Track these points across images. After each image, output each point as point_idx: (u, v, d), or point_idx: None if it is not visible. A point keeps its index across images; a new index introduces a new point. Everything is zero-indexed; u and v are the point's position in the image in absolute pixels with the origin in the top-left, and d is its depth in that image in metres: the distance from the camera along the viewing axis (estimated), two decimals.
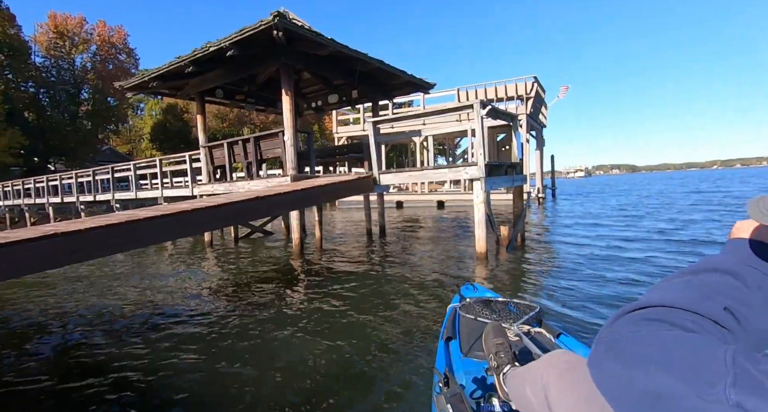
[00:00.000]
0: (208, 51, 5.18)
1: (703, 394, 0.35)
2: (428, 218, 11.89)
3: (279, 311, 3.41)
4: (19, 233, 2.52)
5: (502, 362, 1.19)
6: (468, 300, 1.87)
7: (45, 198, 12.93)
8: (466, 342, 1.55)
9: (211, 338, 2.87)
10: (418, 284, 4.08)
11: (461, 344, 1.56)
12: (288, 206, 4.73)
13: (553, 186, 19.82)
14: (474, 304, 1.79)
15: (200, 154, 7.33)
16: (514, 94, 14.24)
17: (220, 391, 2.07)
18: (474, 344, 1.52)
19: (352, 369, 2.25)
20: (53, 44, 32.03)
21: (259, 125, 41.58)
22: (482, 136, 4.68)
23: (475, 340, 1.52)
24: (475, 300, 1.85)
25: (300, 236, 5.94)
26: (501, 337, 1.31)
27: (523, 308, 1.71)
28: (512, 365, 1.15)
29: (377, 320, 3.05)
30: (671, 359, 0.39)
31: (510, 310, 1.71)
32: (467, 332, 1.59)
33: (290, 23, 4.69)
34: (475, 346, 1.50)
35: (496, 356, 1.23)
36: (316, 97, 8.71)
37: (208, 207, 3.47)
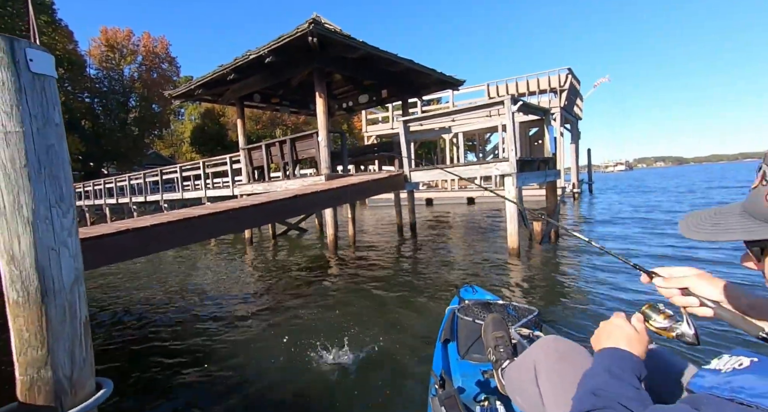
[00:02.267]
0: (248, 59, 5.52)
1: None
2: (458, 214, 11.86)
3: (319, 297, 3.64)
4: (100, 229, 2.88)
5: (501, 357, 1.18)
6: (467, 302, 1.84)
7: (102, 199, 14.10)
8: (463, 344, 1.54)
9: (264, 316, 3.13)
10: (448, 274, 4.18)
11: (459, 346, 1.55)
12: (324, 203, 4.96)
13: (589, 180, 19.06)
14: (473, 306, 1.77)
15: (240, 156, 7.77)
16: (546, 87, 13.84)
17: (272, 352, 2.30)
18: (471, 346, 1.51)
19: (380, 345, 2.41)
20: (105, 57, 34.62)
21: (291, 126, 42.80)
22: (513, 131, 4.68)
23: (472, 342, 1.52)
24: (473, 302, 1.83)
25: (335, 232, 6.19)
26: (501, 330, 1.30)
27: (522, 311, 1.69)
28: (511, 360, 1.14)
29: (406, 307, 3.19)
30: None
31: (509, 313, 1.70)
32: (465, 335, 1.58)
33: (324, 29, 4.91)
34: (473, 348, 1.50)
35: (495, 350, 1.22)
36: (346, 97, 8.95)
37: (254, 205, 3.74)
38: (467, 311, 1.71)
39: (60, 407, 1.15)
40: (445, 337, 1.63)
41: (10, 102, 1.07)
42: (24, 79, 1.09)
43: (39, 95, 1.13)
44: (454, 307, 1.87)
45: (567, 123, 15.96)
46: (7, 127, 1.07)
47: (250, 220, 4.00)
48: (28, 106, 1.10)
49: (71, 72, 30.57)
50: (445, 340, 1.62)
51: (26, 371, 1.13)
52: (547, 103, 13.62)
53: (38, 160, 1.12)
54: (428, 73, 6.94)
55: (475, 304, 1.80)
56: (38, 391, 1.13)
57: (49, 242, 1.14)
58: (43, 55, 1.16)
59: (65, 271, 1.18)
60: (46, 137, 1.14)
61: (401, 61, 6.21)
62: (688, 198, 12.59)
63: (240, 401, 2.00)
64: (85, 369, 1.23)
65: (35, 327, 1.12)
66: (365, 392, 1.97)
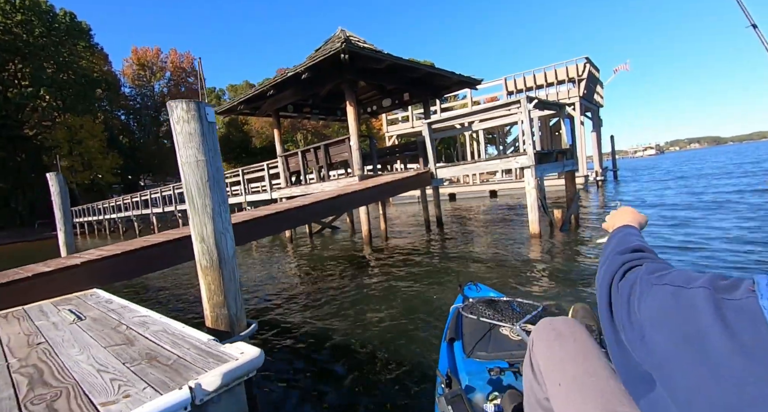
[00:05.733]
0: (287, 76, 6.21)
1: None
2: (482, 207, 12.25)
3: (360, 285, 4.25)
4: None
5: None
6: (471, 300, 1.85)
7: (149, 209, 15.37)
8: (469, 343, 1.53)
9: (319, 301, 3.77)
10: (474, 261, 4.70)
11: (464, 344, 1.54)
12: (360, 201, 5.57)
13: (614, 167, 18.87)
14: (477, 304, 1.77)
15: (278, 163, 8.52)
16: (565, 78, 13.95)
17: (328, 330, 2.92)
18: (477, 344, 1.50)
19: (415, 323, 2.98)
20: (137, 75, 36.92)
21: (311, 130, 44.03)
22: (530, 127, 5.13)
23: (478, 340, 1.52)
24: (477, 300, 1.83)
25: (369, 228, 6.81)
26: (590, 319, 1.33)
27: (526, 307, 1.70)
28: None
29: (438, 291, 3.74)
30: None
31: (513, 309, 1.71)
32: (470, 333, 1.58)
33: (355, 46, 5.51)
34: (478, 346, 1.49)
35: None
36: (371, 102, 9.55)
37: (304, 205, 4.40)
38: (472, 309, 1.71)
39: (231, 333, 1.78)
40: (450, 336, 1.61)
41: (199, 141, 1.71)
42: (204, 127, 1.74)
43: (211, 136, 1.77)
44: (458, 305, 1.84)
45: (588, 111, 15.95)
46: (198, 157, 1.72)
47: (302, 217, 4.67)
48: (207, 143, 1.74)
49: (109, 91, 32.73)
50: (450, 339, 1.60)
51: (212, 310, 1.78)
52: (566, 93, 13.74)
53: (213, 177, 1.76)
54: (448, 76, 7.43)
55: (479, 301, 1.80)
56: (220, 322, 1.77)
57: (220, 228, 1.78)
58: (211, 110, 1.79)
59: (229, 247, 1.82)
60: (216, 162, 1.78)
61: (422, 68, 6.74)
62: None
63: (322, 347, 2.62)
64: (241, 312, 1.87)
65: (216, 283, 1.77)
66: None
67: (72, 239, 4.56)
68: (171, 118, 1.73)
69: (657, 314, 0.51)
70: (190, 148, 1.71)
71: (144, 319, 1.81)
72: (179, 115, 1.71)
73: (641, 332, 0.53)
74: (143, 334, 1.59)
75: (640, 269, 0.60)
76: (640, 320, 0.54)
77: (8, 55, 25.44)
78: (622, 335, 0.59)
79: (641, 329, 0.53)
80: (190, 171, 1.73)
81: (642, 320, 0.53)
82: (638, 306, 0.55)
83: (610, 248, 0.75)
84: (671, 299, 0.50)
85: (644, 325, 0.53)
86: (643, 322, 0.53)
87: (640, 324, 0.54)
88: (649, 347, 0.52)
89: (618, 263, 0.66)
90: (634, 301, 0.56)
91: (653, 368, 0.53)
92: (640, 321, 0.54)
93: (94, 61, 31.18)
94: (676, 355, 0.47)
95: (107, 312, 2.00)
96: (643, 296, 0.54)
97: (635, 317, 0.55)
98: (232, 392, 1.17)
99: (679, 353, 0.47)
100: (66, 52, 28.01)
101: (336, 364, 2.43)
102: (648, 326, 0.52)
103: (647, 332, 0.52)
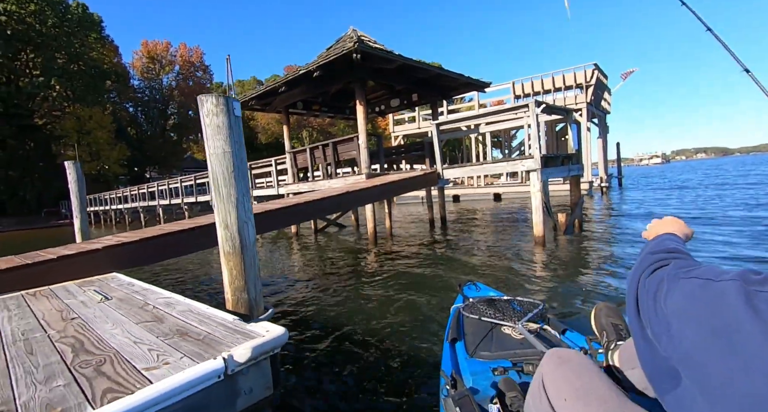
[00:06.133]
0: (299, 74, 6.31)
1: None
2: (486, 209, 12.32)
3: (366, 279, 4.35)
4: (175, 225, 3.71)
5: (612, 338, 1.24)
6: (471, 300, 1.85)
7: (156, 201, 15.53)
8: (471, 343, 1.52)
9: (327, 292, 3.87)
10: (479, 260, 4.79)
11: (467, 344, 1.53)
12: (368, 199, 5.67)
13: (619, 174, 18.88)
14: (477, 304, 1.78)
15: (286, 159, 8.63)
16: (573, 83, 13.99)
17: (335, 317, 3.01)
18: (480, 344, 1.49)
19: (415, 315, 3.07)
20: (146, 68, 37.16)
21: (317, 127, 44.24)
22: (537, 131, 5.21)
23: (480, 340, 1.51)
24: (478, 300, 1.84)
25: (374, 226, 6.90)
26: (614, 316, 1.35)
27: (527, 305, 1.70)
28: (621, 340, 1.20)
29: (440, 285, 3.84)
30: None
31: (514, 308, 1.71)
32: (472, 332, 1.57)
33: (367, 46, 5.61)
34: (481, 346, 1.47)
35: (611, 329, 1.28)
36: (379, 102, 9.64)
37: (314, 200, 4.50)
38: (472, 309, 1.72)
39: (250, 316, 1.89)
40: (452, 336, 1.60)
41: (227, 134, 1.82)
42: (232, 120, 1.84)
43: (237, 129, 1.87)
44: (459, 305, 1.84)
45: (594, 118, 15.97)
46: (225, 148, 1.82)
47: (311, 213, 4.78)
48: (234, 136, 1.84)
49: (118, 83, 32.98)
50: (452, 339, 1.59)
51: (234, 293, 1.88)
52: (573, 99, 13.78)
53: (238, 167, 1.86)
54: (456, 78, 7.51)
55: (480, 301, 1.80)
56: (240, 306, 1.88)
57: (243, 216, 1.88)
58: (237, 104, 1.89)
59: (250, 235, 1.92)
60: (241, 154, 1.88)
61: (431, 69, 6.82)
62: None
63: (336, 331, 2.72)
64: (260, 296, 1.97)
65: (238, 268, 1.87)
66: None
67: (87, 226, 4.69)
68: (201, 111, 1.84)
69: (684, 306, 0.52)
70: (217, 140, 1.82)
71: (168, 300, 1.91)
72: (209, 108, 1.81)
73: (668, 326, 0.54)
74: (171, 313, 1.69)
75: (669, 266, 0.61)
76: (667, 313, 0.54)
77: (21, 45, 25.72)
78: (648, 330, 0.59)
79: (668, 323, 0.54)
80: (217, 162, 1.83)
81: (668, 314, 0.54)
82: (665, 300, 0.55)
83: (645, 251, 0.75)
84: (699, 291, 0.50)
85: (671, 318, 0.53)
86: (669, 315, 0.54)
87: (667, 317, 0.54)
88: (676, 340, 0.52)
89: (648, 261, 0.67)
90: (661, 296, 0.57)
91: (680, 362, 0.53)
92: (667, 315, 0.54)
93: (104, 52, 31.43)
94: (705, 347, 0.47)
95: (131, 293, 2.11)
96: (671, 291, 0.55)
97: (661, 311, 0.55)
98: (258, 366, 1.27)
99: (708, 346, 0.47)
100: (77, 43, 28.26)
101: (347, 347, 2.52)
102: (675, 319, 0.53)
103: (674, 325, 0.53)
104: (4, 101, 24.73)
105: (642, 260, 0.71)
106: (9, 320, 1.76)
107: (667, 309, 0.55)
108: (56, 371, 1.18)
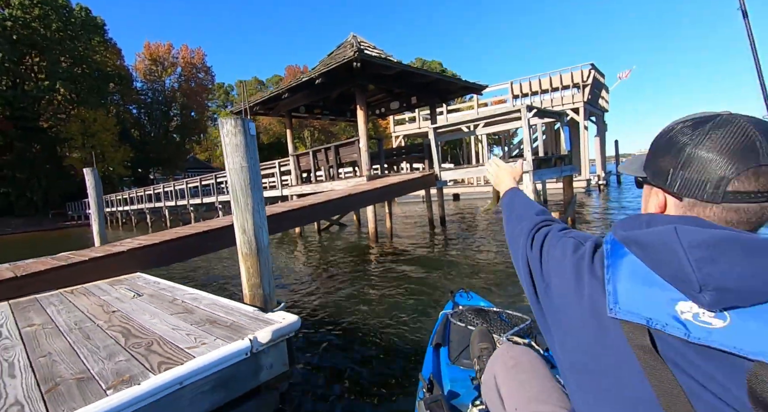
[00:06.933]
0: (301, 81, 6.58)
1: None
2: (484, 207, 12.56)
3: (366, 277, 4.63)
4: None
5: (484, 366, 1.23)
6: (461, 308, 1.87)
7: (162, 202, 15.86)
8: (455, 349, 1.54)
9: (331, 288, 4.15)
10: (477, 256, 5.05)
11: (450, 351, 1.55)
12: (369, 200, 5.94)
13: (617, 172, 19.07)
14: (466, 312, 1.79)
15: (290, 161, 8.91)
16: (570, 83, 14.19)
17: (341, 308, 3.29)
18: (463, 352, 1.51)
19: (413, 306, 3.34)
20: (149, 70, 37.51)
21: (318, 127, 44.54)
22: (529, 135, 5.46)
23: (464, 348, 1.53)
24: (467, 308, 1.85)
25: (375, 225, 7.18)
26: (486, 342, 1.38)
27: (515, 319, 1.71)
28: None
29: (434, 285, 4.11)
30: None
31: (502, 320, 1.71)
32: (457, 340, 1.59)
33: (367, 55, 5.87)
34: (464, 354, 1.50)
35: (479, 360, 1.30)
36: (379, 104, 9.90)
37: (318, 203, 4.77)
38: (461, 317, 1.74)
39: (265, 309, 2.16)
40: (436, 341, 1.63)
41: (243, 151, 2.09)
42: (248, 139, 2.11)
43: (252, 146, 2.14)
44: (448, 312, 1.88)
45: (592, 116, 16.16)
46: (242, 164, 2.09)
47: (317, 214, 5.05)
48: (249, 153, 2.11)
49: (121, 86, 33.34)
50: (436, 344, 1.61)
51: (250, 289, 2.16)
52: (571, 98, 13.98)
53: (253, 180, 2.14)
54: (454, 82, 7.77)
55: (469, 310, 1.82)
56: (256, 300, 2.15)
57: (258, 222, 2.16)
58: (252, 125, 2.16)
59: (264, 238, 2.20)
60: (255, 168, 2.16)
61: (430, 75, 7.08)
62: None
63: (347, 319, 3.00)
64: (273, 292, 2.25)
65: (254, 267, 2.15)
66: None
67: (104, 230, 4.98)
68: (221, 131, 2.11)
69: (559, 261, 0.58)
70: (236, 157, 2.09)
71: (194, 295, 2.20)
72: (228, 129, 2.08)
73: (548, 281, 0.59)
74: (198, 306, 1.98)
75: (552, 226, 0.69)
76: (548, 269, 0.60)
77: (26, 49, 26.08)
78: (539, 292, 0.62)
79: (548, 278, 0.60)
80: (235, 175, 2.10)
81: (549, 270, 0.60)
82: (547, 256, 0.62)
83: (517, 213, 0.81)
84: (572, 248, 0.58)
85: (550, 273, 0.59)
86: (549, 271, 0.60)
87: (548, 273, 0.60)
88: (551, 293, 0.58)
89: (534, 222, 0.72)
90: (546, 250, 0.63)
91: (551, 314, 0.59)
92: (548, 270, 0.60)
93: (107, 55, 31.78)
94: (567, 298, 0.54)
95: (159, 290, 2.39)
96: (551, 247, 0.62)
97: (545, 267, 0.61)
98: (277, 347, 1.55)
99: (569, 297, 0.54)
100: (81, 46, 28.62)
101: (350, 336, 2.80)
102: (552, 274, 0.59)
103: (552, 280, 0.59)
104: (11, 104, 25.13)
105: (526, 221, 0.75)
106: (59, 313, 2.04)
107: (548, 265, 0.61)
108: (114, 350, 1.46)
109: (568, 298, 0.55)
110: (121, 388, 1.15)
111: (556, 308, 0.57)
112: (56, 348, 1.53)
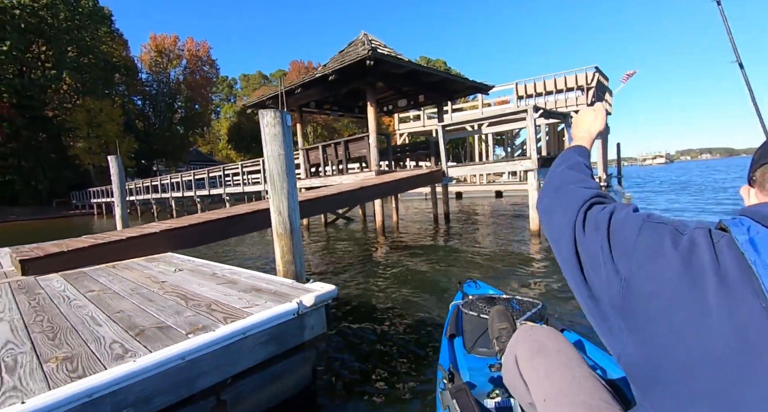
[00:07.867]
0: (315, 77, 6.78)
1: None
2: (487, 206, 12.79)
3: (377, 266, 4.85)
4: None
5: (504, 347, 1.23)
6: (470, 297, 1.87)
7: (168, 193, 16.06)
8: (469, 339, 1.56)
9: (343, 275, 4.38)
10: (481, 253, 5.28)
11: (465, 340, 1.57)
12: (377, 194, 6.15)
13: (618, 174, 19.29)
14: (476, 301, 1.80)
15: (299, 155, 9.12)
16: (574, 85, 14.37)
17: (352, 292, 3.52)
18: (478, 340, 1.52)
19: (422, 294, 3.57)
20: (154, 61, 37.61)
21: (321, 123, 44.70)
22: (535, 135, 5.67)
23: (478, 337, 1.54)
24: (477, 297, 1.85)
25: (382, 219, 7.40)
26: (505, 322, 1.38)
27: (526, 304, 1.72)
28: None
29: (442, 272, 4.33)
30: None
31: (513, 306, 1.72)
32: (470, 329, 1.60)
33: (380, 53, 6.06)
34: (479, 343, 1.51)
35: (498, 340, 1.30)
36: (387, 102, 10.10)
37: (332, 194, 4.99)
38: (471, 306, 1.74)
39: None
40: (450, 332, 1.65)
41: (281, 140, 2.30)
42: (285, 129, 2.33)
43: (288, 136, 2.36)
44: (458, 302, 1.89)
45: None
46: (279, 152, 2.31)
47: (327, 206, 5.27)
48: (286, 142, 2.33)
49: (127, 76, 33.45)
50: (450, 335, 1.64)
51: (284, 266, 2.38)
52: (574, 100, 14.17)
53: (288, 166, 2.35)
54: (461, 82, 7.96)
55: (479, 298, 1.83)
56: (289, 275, 2.38)
57: (291, 204, 2.38)
58: (288, 117, 2.38)
59: (297, 220, 2.42)
60: (290, 155, 2.37)
61: (438, 74, 7.28)
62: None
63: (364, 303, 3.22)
64: (303, 268, 2.47)
65: (288, 245, 2.37)
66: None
67: (126, 215, 5.20)
68: (261, 122, 2.33)
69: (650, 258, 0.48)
70: (274, 145, 2.31)
71: (232, 269, 2.42)
72: (268, 120, 2.30)
73: (627, 277, 0.49)
74: (240, 278, 2.20)
75: (617, 205, 0.58)
76: (628, 263, 0.50)
77: (34, 37, 26.19)
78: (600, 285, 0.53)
79: (629, 273, 0.49)
80: (273, 162, 2.32)
81: (630, 264, 0.50)
82: (630, 245, 0.51)
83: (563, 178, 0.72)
84: (670, 239, 0.48)
85: (632, 268, 0.49)
86: (631, 265, 0.50)
87: (627, 267, 0.50)
88: (634, 290, 0.48)
89: (584, 197, 0.62)
90: (622, 237, 0.52)
91: (629, 316, 0.49)
92: (627, 264, 0.50)
93: (114, 46, 31.90)
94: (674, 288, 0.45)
95: (197, 266, 2.61)
96: (634, 234, 0.51)
97: (626, 258, 0.51)
98: (318, 311, 1.77)
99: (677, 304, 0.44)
100: (88, 36, 28.72)
101: (372, 315, 3.03)
102: (637, 270, 0.49)
103: (636, 278, 0.48)
104: (18, 93, 25.26)
105: (571, 192, 0.66)
106: (111, 283, 2.27)
107: (638, 244, 0.50)
108: (179, 309, 1.69)
109: (676, 306, 0.44)
110: (198, 334, 1.37)
111: (647, 315, 0.47)
112: (125, 307, 1.76)
